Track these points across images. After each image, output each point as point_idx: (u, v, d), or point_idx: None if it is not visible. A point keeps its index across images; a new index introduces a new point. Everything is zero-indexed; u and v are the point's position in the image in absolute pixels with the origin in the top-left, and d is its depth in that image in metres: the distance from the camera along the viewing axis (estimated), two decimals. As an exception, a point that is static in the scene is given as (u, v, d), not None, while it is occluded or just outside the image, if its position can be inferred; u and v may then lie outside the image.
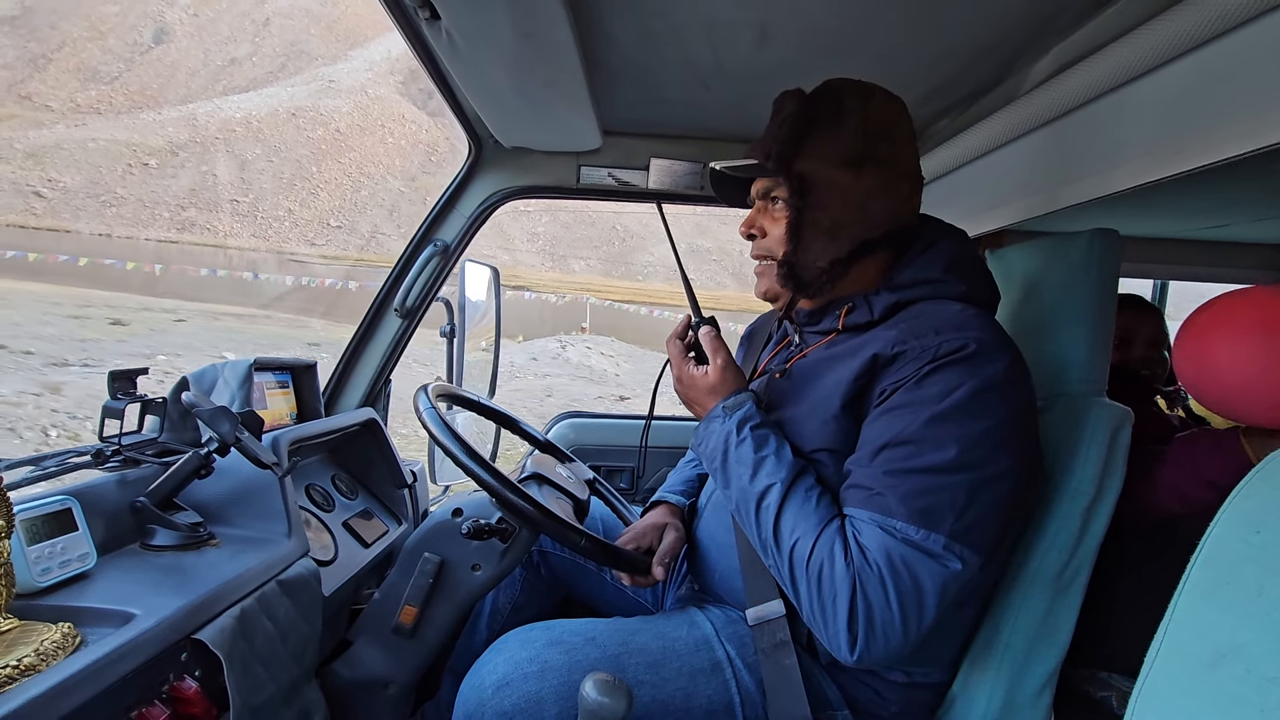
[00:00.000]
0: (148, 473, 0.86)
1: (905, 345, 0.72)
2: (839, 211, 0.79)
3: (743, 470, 0.76)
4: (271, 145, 49.40)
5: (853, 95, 0.80)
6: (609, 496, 1.22)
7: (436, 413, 0.89)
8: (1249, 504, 0.43)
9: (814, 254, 0.81)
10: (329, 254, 41.58)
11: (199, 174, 46.49)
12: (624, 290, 37.94)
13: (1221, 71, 0.66)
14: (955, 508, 0.66)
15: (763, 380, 0.91)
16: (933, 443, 0.67)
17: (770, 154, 0.79)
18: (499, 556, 0.94)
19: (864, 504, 0.69)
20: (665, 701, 0.77)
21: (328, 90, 55.64)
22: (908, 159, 0.83)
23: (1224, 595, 0.42)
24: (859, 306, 0.82)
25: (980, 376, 0.69)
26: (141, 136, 47.70)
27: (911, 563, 0.66)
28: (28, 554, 0.64)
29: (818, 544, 0.69)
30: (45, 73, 59.98)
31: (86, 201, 42.30)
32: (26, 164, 43.32)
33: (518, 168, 1.38)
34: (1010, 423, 0.69)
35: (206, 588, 0.69)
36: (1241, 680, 0.39)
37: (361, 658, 0.94)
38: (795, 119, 0.79)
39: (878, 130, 0.79)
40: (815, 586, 0.69)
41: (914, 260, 0.82)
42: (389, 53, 60.81)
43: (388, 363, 1.39)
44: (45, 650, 0.55)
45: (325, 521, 1.07)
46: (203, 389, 0.99)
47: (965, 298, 0.79)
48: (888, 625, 0.66)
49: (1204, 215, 1.23)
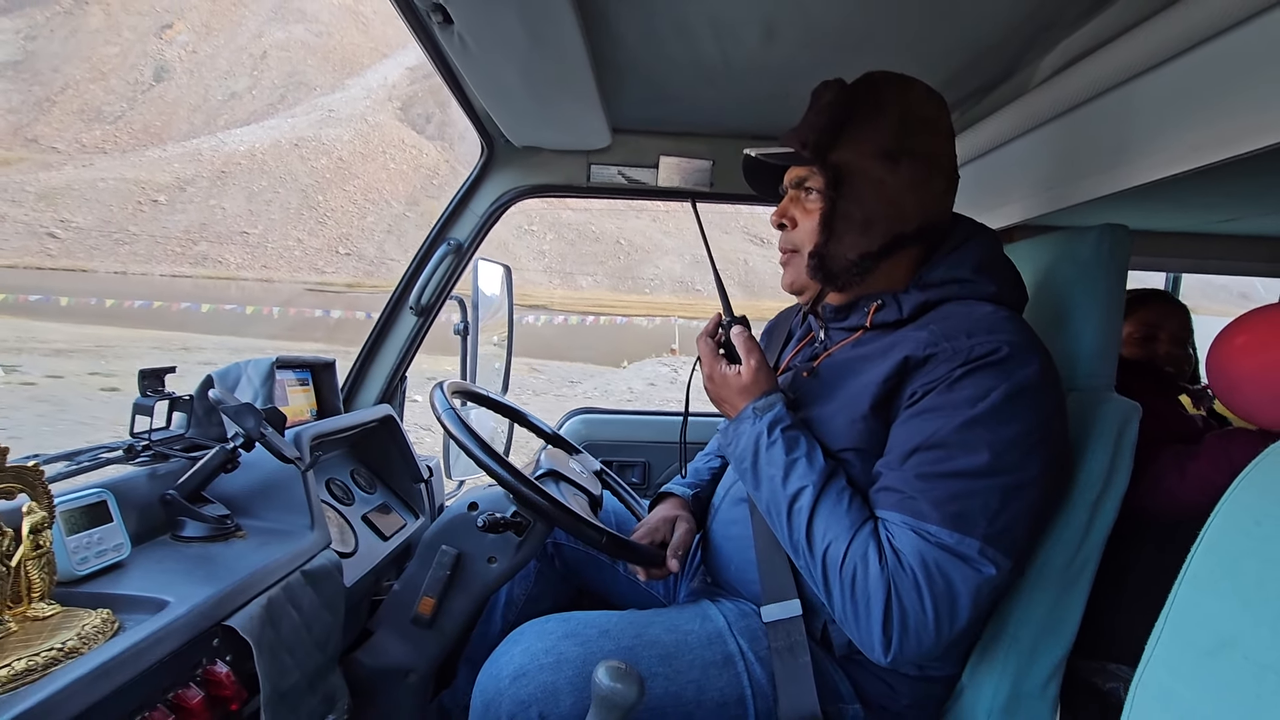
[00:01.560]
0: (176, 467, 0.89)
1: (937, 347, 0.72)
2: (873, 204, 0.78)
3: (774, 472, 0.76)
4: (277, 176, 50.01)
5: (893, 88, 0.80)
6: (617, 488, 1.24)
7: (452, 409, 0.91)
8: (1250, 495, 0.43)
9: (845, 246, 0.80)
10: (346, 281, 41.84)
11: (207, 208, 47.15)
12: (636, 304, 37.86)
13: (1234, 64, 0.66)
14: (988, 512, 0.67)
15: (788, 376, 0.91)
16: (965, 447, 0.68)
17: (807, 142, 0.78)
18: (514, 549, 0.96)
19: (896, 507, 0.70)
20: (677, 694, 0.78)
21: (328, 120, 56.17)
22: (945, 155, 0.82)
23: (1224, 585, 0.43)
24: (888, 304, 0.81)
25: (1012, 380, 0.69)
26: (149, 174, 48.45)
27: (945, 567, 0.66)
28: (67, 544, 0.67)
29: (851, 547, 0.70)
30: (50, 115, 61.00)
31: (100, 240, 43.03)
32: (39, 206, 44.05)
33: (529, 167, 1.39)
34: (1041, 427, 0.69)
35: (235, 577, 0.72)
36: (1239, 668, 0.40)
37: (382, 647, 0.96)
38: (834, 108, 0.78)
39: (916, 124, 0.79)
40: (849, 590, 0.69)
41: (944, 259, 0.81)
42: (385, 79, 61.22)
43: (404, 360, 1.41)
44: (86, 634, 0.58)
45: (345, 515, 1.10)
46: (226, 386, 1.02)
47: (995, 298, 0.78)
48: (921, 628, 0.66)
49: (1214, 209, 1.22)
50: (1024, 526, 0.69)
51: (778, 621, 0.82)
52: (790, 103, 1.18)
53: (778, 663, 0.80)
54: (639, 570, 0.94)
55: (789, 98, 1.15)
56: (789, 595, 0.82)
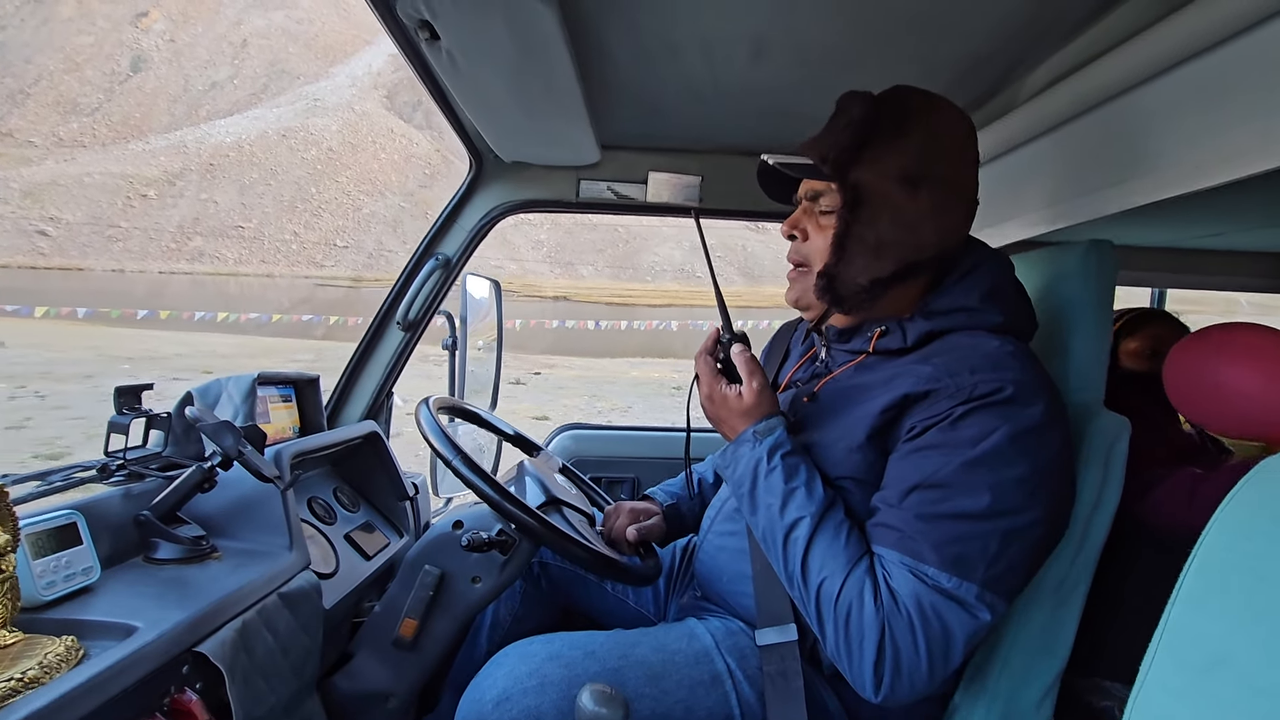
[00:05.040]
0: (152, 486, 0.86)
1: (939, 383, 0.70)
2: (888, 230, 0.75)
3: (772, 500, 0.74)
4: (267, 168, 49.94)
5: (921, 108, 0.77)
6: (580, 482, 1.25)
7: (438, 425, 0.89)
8: (1240, 512, 0.43)
9: (856, 270, 0.77)
10: (350, 276, 41.65)
11: (199, 202, 46.87)
12: (642, 293, 37.91)
13: (1236, 76, 0.63)
14: (987, 556, 0.66)
15: (788, 397, 0.89)
16: (965, 489, 0.66)
17: (827, 157, 0.75)
18: (499, 569, 0.94)
19: (895, 546, 0.68)
20: (665, 714, 0.77)
21: (314, 109, 56.13)
22: (966, 181, 0.79)
23: (1215, 603, 0.42)
24: (892, 331, 0.79)
25: (1016, 422, 0.67)
26: (135, 168, 48.16)
27: (942, 611, 0.65)
28: (33, 568, 0.64)
29: (846, 584, 0.68)
30: (24, 108, 60.43)
31: (92, 238, 42.62)
32: (25, 203, 43.67)
33: (518, 182, 1.39)
34: (1045, 469, 0.68)
35: (208, 600, 0.70)
36: (1234, 688, 0.39)
37: (362, 670, 0.94)
38: (859, 125, 0.74)
39: (941, 150, 0.76)
40: (843, 626, 0.68)
41: (952, 287, 0.79)
42: (370, 67, 61.17)
43: (390, 376, 1.40)
44: (48, 663, 0.55)
45: (327, 534, 1.08)
46: (207, 403, 1.00)
47: (1002, 329, 0.77)
48: (914, 670, 0.65)
49: (1200, 224, 1.23)
50: (1023, 568, 0.69)
51: (772, 646, 0.81)
52: (780, 119, 1.18)
53: (770, 687, 0.79)
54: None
55: (779, 114, 1.16)
56: (785, 620, 0.81)
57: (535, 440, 1.28)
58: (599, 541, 0.97)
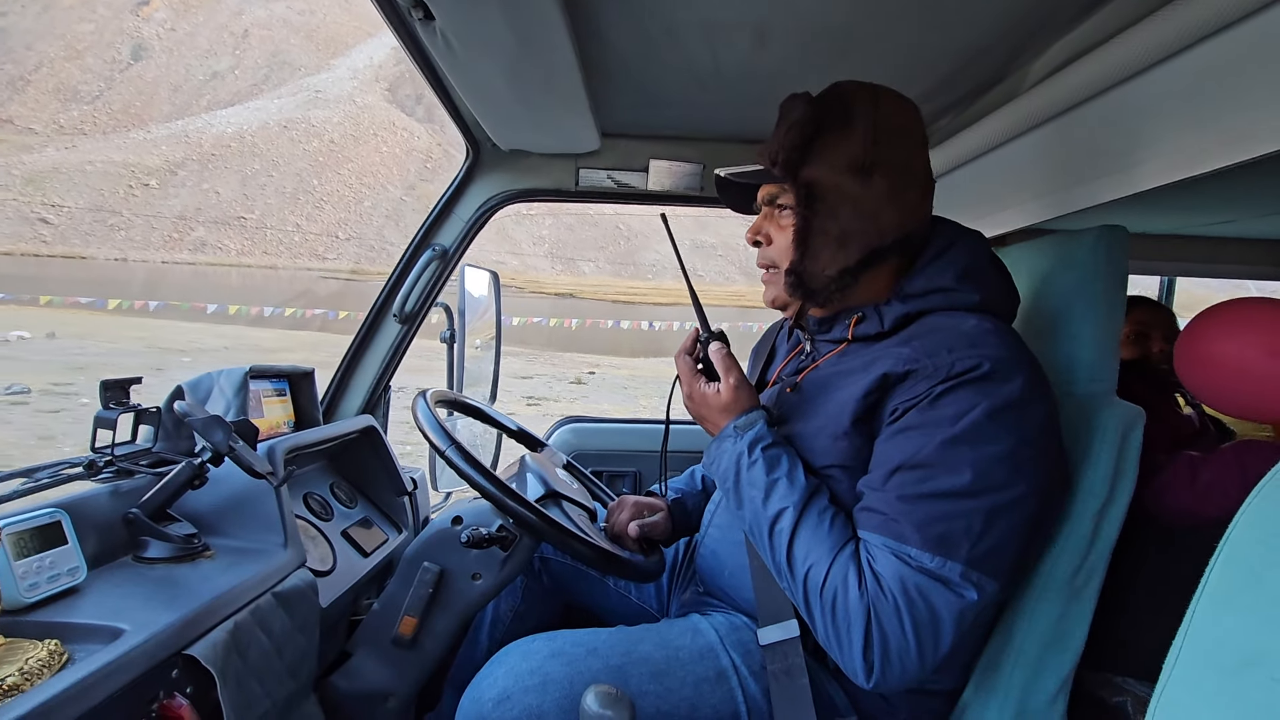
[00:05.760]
0: (141, 483, 0.84)
1: (917, 364, 0.70)
2: (847, 220, 0.77)
3: (755, 493, 0.74)
4: (269, 159, 49.75)
5: (862, 99, 0.78)
6: (584, 478, 1.23)
7: (435, 419, 0.87)
8: (1269, 506, 0.41)
9: (822, 263, 0.78)
10: (351, 268, 41.53)
11: (200, 192, 46.63)
12: (645, 291, 37.89)
13: (1236, 63, 0.63)
14: (971, 534, 0.65)
15: (773, 392, 0.89)
16: (946, 467, 0.66)
17: (776, 160, 0.77)
18: (499, 565, 0.92)
19: (878, 529, 0.68)
20: (670, 712, 0.76)
21: (315, 101, 55.87)
22: (918, 164, 0.80)
23: (1245, 600, 0.41)
24: (869, 316, 0.80)
25: (995, 397, 0.67)
26: (137, 156, 47.91)
27: (927, 592, 0.64)
28: (15, 569, 0.62)
29: (831, 571, 0.68)
30: (24, 95, 59.99)
31: (94, 226, 42.39)
32: (27, 190, 43.43)
33: (516, 171, 1.37)
34: (1028, 444, 0.67)
35: (199, 601, 0.68)
36: (1266, 688, 0.38)
37: (360, 670, 0.92)
38: (803, 124, 0.76)
39: (888, 136, 0.77)
40: (830, 614, 0.68)
41: (925, 268, 0.79)
42: (371, 59, 60.90)
43: (387, 369, 1.37)
44: (30, 669, 0.53)
45: (323, 530, 1.06)
46: (198, 398, 0.98)
47: (980, 307, 0.76)
48: (903, 654, 0.65)
49: (1210, 211, 1.22)
50: (1012, 547, 0.67)
51: (776, 644, 0.79)
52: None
53: (775, 686, 0.78)
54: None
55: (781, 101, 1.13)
56: (785, 616, 0.80)
57: (538, 435, 1.27)
58: (600, 537, 0.95)
